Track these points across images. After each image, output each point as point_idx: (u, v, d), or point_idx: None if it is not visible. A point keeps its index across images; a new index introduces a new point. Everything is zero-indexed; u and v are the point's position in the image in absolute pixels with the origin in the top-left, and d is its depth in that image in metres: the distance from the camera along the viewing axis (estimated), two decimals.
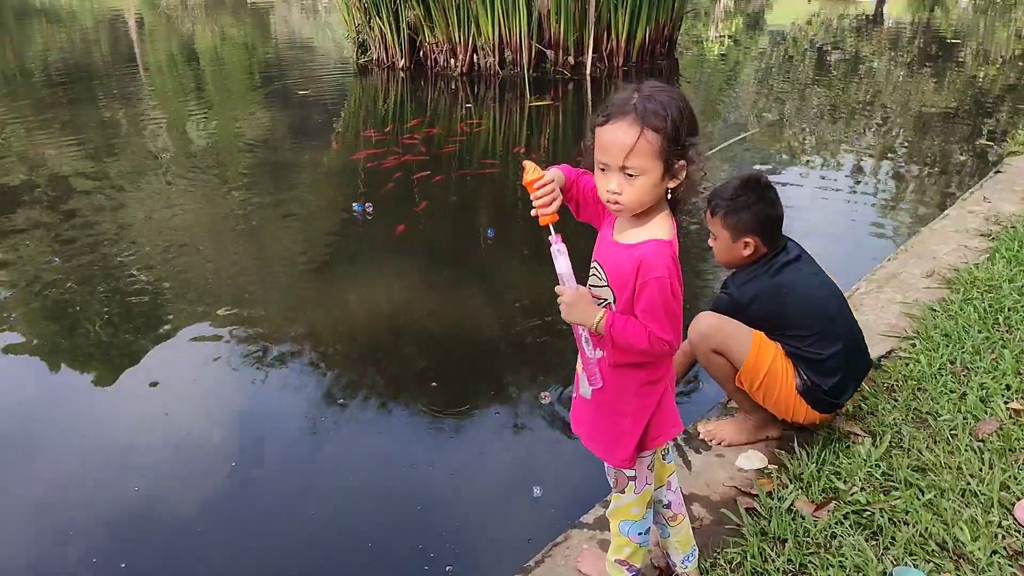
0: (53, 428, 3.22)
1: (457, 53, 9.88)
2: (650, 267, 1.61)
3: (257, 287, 4.38)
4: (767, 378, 2.54)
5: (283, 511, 2.74)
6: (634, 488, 1.85)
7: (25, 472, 2.94)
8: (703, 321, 2.59)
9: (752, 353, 2.53)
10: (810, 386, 2.54)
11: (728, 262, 2.67)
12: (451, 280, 4.42)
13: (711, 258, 2.92)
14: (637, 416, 1.77)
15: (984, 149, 6.88)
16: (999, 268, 3.77)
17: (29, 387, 3.54)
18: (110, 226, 5.19)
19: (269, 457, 3.03)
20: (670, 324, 1.63)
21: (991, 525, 2.24)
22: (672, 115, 1.56)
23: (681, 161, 1.60)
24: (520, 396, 3.38)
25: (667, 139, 1.57)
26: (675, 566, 2.08)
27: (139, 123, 8.18)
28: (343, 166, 6.71)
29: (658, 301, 1.61)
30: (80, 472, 2.93)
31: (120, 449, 3.05)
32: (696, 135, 1.60)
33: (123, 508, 2.75)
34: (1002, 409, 2.74)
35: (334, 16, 17.12)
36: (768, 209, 2.55)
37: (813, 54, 13.18)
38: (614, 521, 1.93)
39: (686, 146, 1.59)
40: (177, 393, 3.43)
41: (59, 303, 4.19)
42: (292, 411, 3.29)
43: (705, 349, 2.58)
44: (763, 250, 2.59)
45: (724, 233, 2.59)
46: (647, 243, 1.64)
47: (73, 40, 14.63)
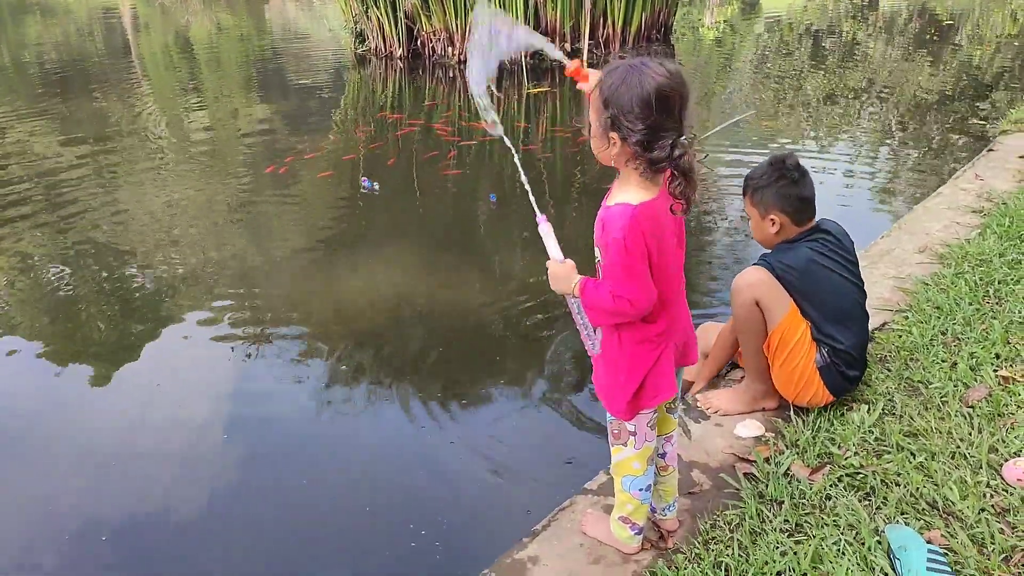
0: (54, 422, 3.25)
1: (455, 41, 9.94)
2: (608, 229, 1.74)
3: (258, 274, 4.48)
4: (796, 345, 2.62)
5: (288, 487, 2.83)
6: (634, 443, 1.96)
7: (24, 467, 2.98)
8: (752, 272, 2.65)
9: (789, 316, 2.61)
10: (829, 363, 2.63)
11: (761, 240, 2.76)
12: (452, 263, 4.51)
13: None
14: (631, 373, 1.87)
15: (977, 128, 6.96)
16: (990, 243, 3.86)
17: (28, 381, 3.57)
18: (108, 216, 5.28)
19: (275, 440, 3.11)
20: (630, 283, 1.74)
21: (979, 485, 2.33)
22: (609, 85, 1.68)
23: (612, 133, 1.70)
24: (520, 373, 3.47)
25: (603, 105, 1.69)
26: (655, 511, 2.21)
27: (135, 115, 8.26)
28: (345, 150, 6.78)
29: (616, 260, 1.73)
30: (82, 465, 2.95)
31: (122, 441, 3.09)
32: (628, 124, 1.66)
33: (125, 502, 2.78)
34: (991, 376, 2.83)
35: (329, 7, 17.16)
36: (791, 187, 2.63)
37: (808, 39, 13.23)
38: (617, 477, 2.04)
39: (613, 118, 1.68)
40: (180, 381, 3.50)
41: (56, 296, 4.26)
42: (297, 394, 3.38)
43: (749, 298, 2.63)
44: (792, 228, 2.67)
45: (753, 211, 2.70)
46: (616, 206, 1.74)
47: (68, 34, 14.67)
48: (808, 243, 2.67)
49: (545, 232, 1.88)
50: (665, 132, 1.66)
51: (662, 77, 1.65)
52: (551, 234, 1.89)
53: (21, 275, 4.51)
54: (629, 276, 1.74)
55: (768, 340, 2.66)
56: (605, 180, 1.86)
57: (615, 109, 1.67)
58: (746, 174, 2.78)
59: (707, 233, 4.90)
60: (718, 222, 5.10)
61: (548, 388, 3.36)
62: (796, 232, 2.69)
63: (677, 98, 1.67)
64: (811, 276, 2.63)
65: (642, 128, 1.65)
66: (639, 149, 1.68)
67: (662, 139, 1.66)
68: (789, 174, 2.65)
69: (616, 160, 1.75)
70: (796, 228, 2.68)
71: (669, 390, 1.93)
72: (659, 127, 1.66)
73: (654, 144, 1.66)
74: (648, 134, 1.66)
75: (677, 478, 2.21)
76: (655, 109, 1.64)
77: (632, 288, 1.74)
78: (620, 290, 1.75)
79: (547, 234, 1.88)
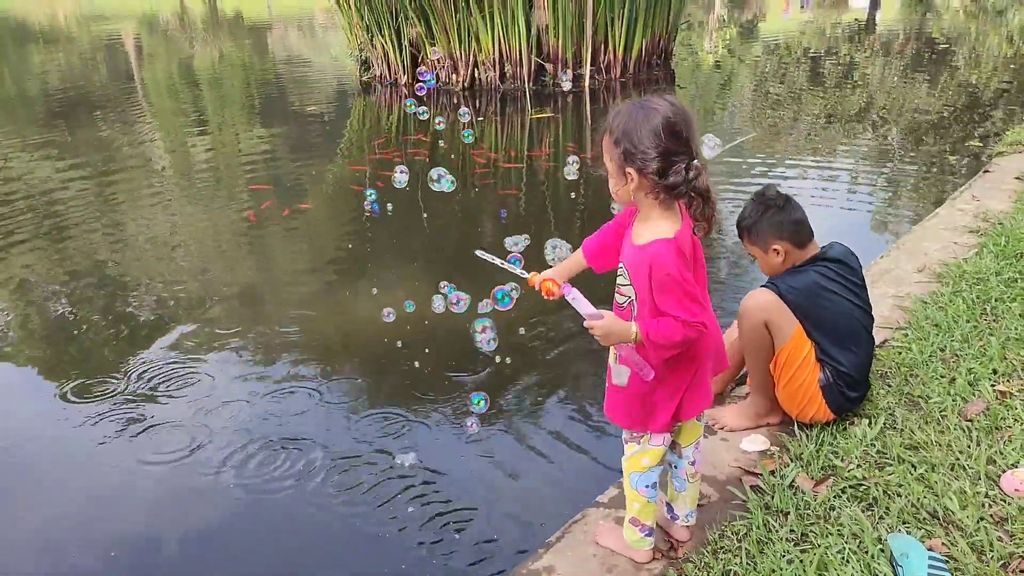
0: (54, 448, 3.29)
1: (458, 68, 10.10)
2: (660, 266, 1.81)
3: (260, 298, 4.58)
4: (801, 364, 2.71)
5: (298, 505, 2.90)
6: (650, 440, 2.07)
7: (26, 489, 3.03)
8: (761, 294, 2.73)
9: (795, 336, 2.70)
10: (832, 383, 2.72)
11: (770, 274, 2.85)
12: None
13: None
14: (673, 390, 1.98)
15: (974, 150, 7.08)
16: (987, 262, 3.95)
17: (30, 403, 3.62)
18: (110, 242, 5.40)
19: (283, 461, 3.15)
20: (695, 306, 1.83)
21: (978, 495, 2.41)
22: (617, 124, 1.81)
23: (629, 168, 1.80)
24: (531, 392, 3.55)
25: (614, 144, 1.81)
26: (677, 518, 2.29)
27: (138, 142, 8.42)
28: (351, 178, 6.91)
29: (677, 292, 1.81)
30: (83, 493, 3.01)
31: (123, 469, 3.12)
32: (644, 155, 1.77)
33: (124, 528, 2.83)
34: (989, 391, 2.91)
35: (331, 35, 17.40)
36: (779, 215, 2.74)
37: (807, 62, 13.41)
38: (626, 474, 2.14)
39: (626, 153, 1.79)
40: (181, 407, 3.53)
41: (58, 320, 4.35)
42: (305, 415, 3.44)
43: (758, 320, 2.71)
44: (796, 252, 2.76)
45: (755, 249, 2.81)
46: (654, 243, 1.83)
47: (72, 62, 14.87)
48: (815, 268, 2.77)
49: (574, 298, 1.94)
50: (677, 157, 1.76)
51: (667, 106, 1.77)
52: (580, 297, 1.94)
53: (22, 299, 4.60)
54: (694, 302, 1.83)
55: (775, 358, 2.74)
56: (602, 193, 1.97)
57: (627, 144, 1.78)
58: (736, 219, 2.88)
59: (710, 251, 5.01)
60: (722, 241, 5.21)
61: (558, 406, 3.44)
62: (801, 257, 2.78)
63: (683, 124, 1.78)
64: (817, 299, 2.72)
65: (655, 156, 1.76)
66: (656, 178, 1.77)
67: (675, 164, 1.76)
68: (774, 203, 2.75)
69: (635, 196, 1.85)
70: (800, 252, 2.77)
71: (705, 399, 2.04)
72: (671, 153, 1.76)
73: (669, 171, 1.76)
74: (662, 161, 1.76)
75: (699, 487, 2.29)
76: (664, 137, 1.75)
77: (699, 312, 1.83)
78: (691, 317, 1.82)
79: (577, 299, 1.94)
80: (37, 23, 22.45)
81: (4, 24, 21.58)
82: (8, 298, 4.64)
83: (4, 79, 13.21)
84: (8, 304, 4.58)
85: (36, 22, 22.64)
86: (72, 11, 26.50)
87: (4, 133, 8.84)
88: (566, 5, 9.52)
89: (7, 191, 6.47)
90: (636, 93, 10.18)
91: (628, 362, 1.99)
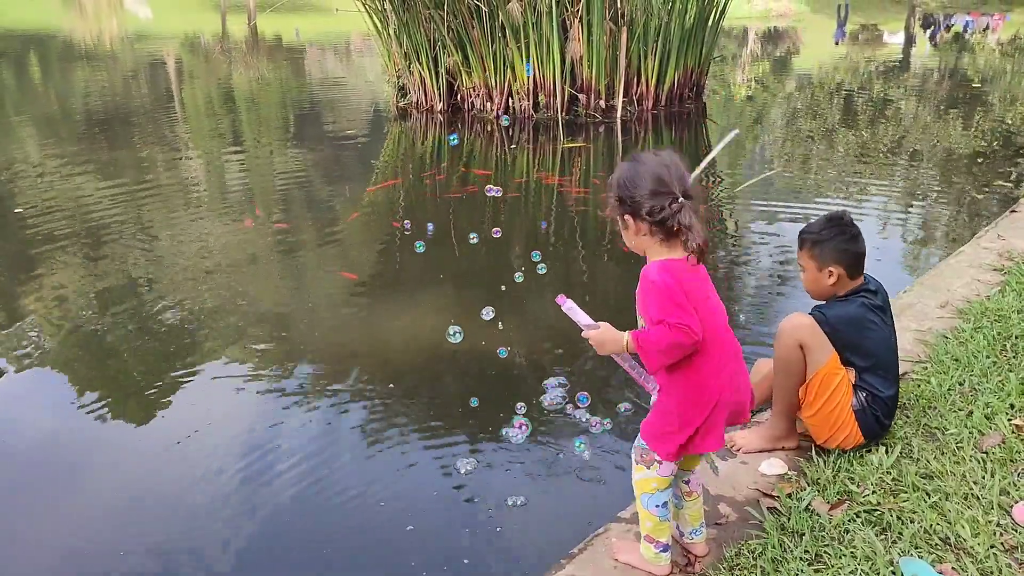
0: (85, 459, 3.41)
1: (493, 97, 10.31)
2: (644, 276, 2.07)
3: (292, 316, 4.70)
4: (836, 389, 2.80)
5: (324, 521, 3.01)
6: (657, 469, 2.19)
7: (51, 502, 3.12)
8: (799, 317, 2.84)
9: (831, 361, 2.80)
10: (866, 407, 2.82)
11: (815, 292, 2.95)
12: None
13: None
14: (684, 423, 2.10)
15: (1003, 190, 7.12)
16: (1009, 300, 4.02)
17: (60, 418, 3.72)
18: (144, 258, 5.59)
19: (309, 480, 3.23)
20: (678, 310, 1.99)
21: (990, 524, 2.49)
22: (614, 181, 2.10)
23: (626, 215, 2.07)
24: (554, 410, 3.66)
25: (613, 199, 2.09)
26: (683, 535, 2.41)
27: (175, 160, 8.69)
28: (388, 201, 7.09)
29: (661, 297, 2.01)
30: (113, 504, 3.10)
31: (152, 482, 3.22)
32: (635, 198, 2.03)
33: (155, 549, 2.87)
34: (1005, 425, 2.98)
35: (367, 59, 17.75)
36: (850, 243, 2.86)
37: (839, 97, 13.49)
38: (637, 493, 2.26)
39: (621, 200, 2.07)
40: (211, 422, 3.64)
41: (92, 335, 4.49)
42: (333, 434, 3.54)
43: (794, 341, 2.81)
44: (847, 281, 2.88)
45: (811, 264, 2.90)
46: (645, 267, 2.09)
47: (114, 82, 15.28)
48: (860, 300, 2.87)
49: (569, 308, 2.16)
50: (664, 198, 2.01)
51: (652, 158, 2.07)
52: (576, 308, 2.16)
53: (58, 312, 4.77)
54: (676, 305, 2.00)
55: (809, 383, 2.83)
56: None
57: (622, 193, 2.07)
58: (802, 228, 2.99)
59: (743, 280, 5.12)
60: (753, 272, 5.31)
61: (581, 425, 3.53)
62: (847, 286, 2.89)
63: (667, 171, 2.03)
64: (863, 331, 2.83)
65: (645, 195, 2.01)
66: (649, 217, 2.01)
67: (663, 202, 2.00)
68: (849, 230, 2.87)
69: (640, 240, 2.09)
70: (849, 282, 2.88)
71: (716, 444, 2.14)
72: (658, 195, 2.01)
73: (658, 210, 2.00)
74: (651, 202, 2.00)
75: (702, 504, 2.39)
76: (651, 182, 2.02)
77: (681, 314, 1.99)
78: (672, 318, 1.99)
79: (572, 309, 2.16)
80: (83, 42, 23.09)
81: (52, 44, 22.21)
82: (45, 310, 4.82)
83: (49, 97, 13.63)
84: (45, 315, 4.75)
85: (82, 41, 23.28)
86: (117, 31, 27.23)
87: (46, 149, 9.15)
88: (600, 38, 9.71)
89: (47, 207, 6.70)
90: (667, 125, 10.32)
91: (630, 373, 2.16)
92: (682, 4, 10.10)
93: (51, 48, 20.99)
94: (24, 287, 5.13)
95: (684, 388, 2.09)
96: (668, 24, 9.98)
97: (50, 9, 35.05)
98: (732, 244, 6.11)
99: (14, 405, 3.89)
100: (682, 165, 2.07)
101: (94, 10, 35.84)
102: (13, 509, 3.10)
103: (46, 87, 14.56)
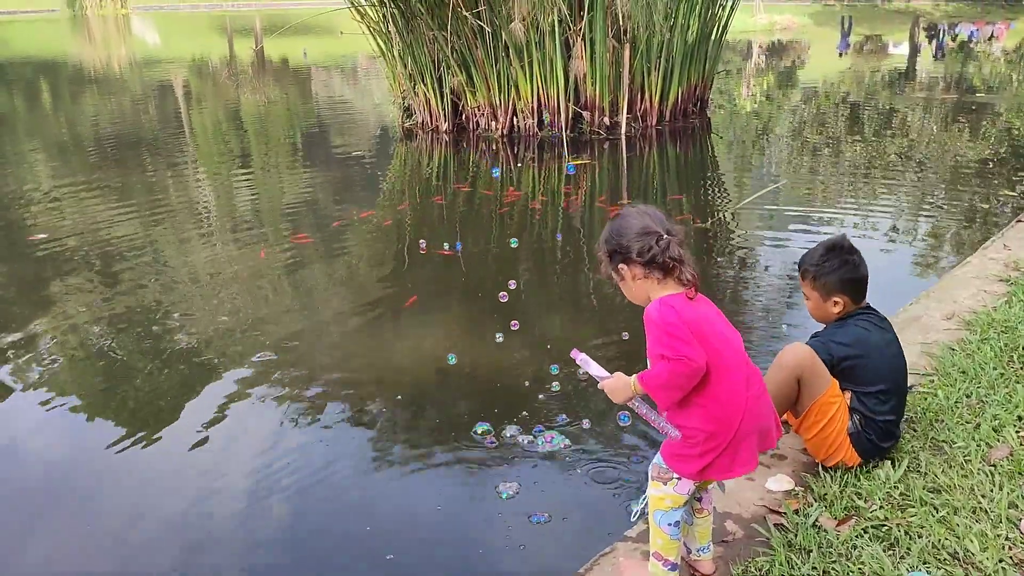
0: (96, 482, 3.40)
1: (498, 116, 10.36)
2: (646, 315, 2.13)
3: (302, 338, 4.71)
4: (832, 416, 2.82)
5: (336, 541, 3.02)
6: (674, 486, 2.19)
7: (69, 528, 3.12)
8: (801, 349, 2.86)
9: (829, 390, 2.83)
10: (860, 431, 2.83)
11: (821, 319, 3.01)
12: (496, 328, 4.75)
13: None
14: (705, 449, 2.12)
15: (1009, 200, 7.11)
16: (1015, 311, 4.01)
17: (75, 443, 3.74)
18: (154, 280, 5.62)
19: (321, 498, 3.25)
20: (678, 344, 2.03)
21: (999, 538, 2.48)
22: (602, 240, 2.22)
23: (621, 264, 2.17)
24: (562, 429, 3.66)
25: (605, 255, 2.22)
26: (690, 552, 2.42)
27: (185, 184, 8.78)
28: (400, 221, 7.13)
29: (660, 332, 2.07)
30: (126, 526, 3.11)
31: (163, 503, 3.23)
32: (624, 245, 2.14)
33: (164, 565, 2.89)
34: (1013, 437, 2.97)
35: (373, 81, 17.88)
36: (852, 271, 2.89)
37: (844, 109, 13.50)
38: (650, 509, 2.26)
39: (612, 252, 2.18)
40: (222, 443, 3.66)
41: (103, 356, 4.51)
42: (342, 455, 3.55)
43: (791, 375, 2.83)
44: (851, 307, 2.93)
45: (815, 294, 2.94)
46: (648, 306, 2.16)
47: (124, 107, 15.44)
48: (857, 322, 2.91)
49: (583, 361, 2.24)
50: (652, 236, 2.11)
51: (632, 210, 2.20)
52: (589, 360, 2.23)
53: (70, 335, 4.80)
54: (674, 338, 2.04)
55: (807, 411, 2.85)
56: None
57: (611, 245, 2.19)
58: (802, 258, 3.02)
59: (749, 299, 5.13)
60: (758, 287, 5.32)
61: (589, 444, 3.54)
62: (853, 309, 2.93)
63: (648, 218, 2.16)
64: (862, 352, 2.85)
65: (633, 238, 2.13)
66: (640, 258, 2.10)
67: (650, 241, 2.10)
68: (851, 259, 2.90)
69: (638, 286, 2.17)
70: (855, 306, 2.93)
71: (744, 467, 2.16)
72: (646, 234, 2.12)
73: (647, 249, 2.09)
74: (641, 241, 2.12)
75: (712, 522, 2.40)
76: (637, 227, 2.14)
77: (679, 346, 2.03)
78: (671, 351, 2.03)
79: (586, 361, 2.23)
80: (92, 68, 23.33)
81: (61, 70, 22.45)
82: (58, 334, 4.85)
83: (60, 122, 13.77)
84: (58, 339, 4.78)
85: (91, 67, 23.52)
86: (126, 57, 27.51)
87: (57, 174, 9.24)
88: (603, 55, 9.76)
89: (59, 234, 6.76)
90: (672, 141, 10.35)
91: (649, 420, 2.19)
92: (684, 20, 10.15)
93: (61, 75, 21.24)
94: (38, 310, 5.16)
95: (701, 416, 2.11)
96: (670, 40, 10.03)
97: (59, 36, 35.45)
98: (740, 258, 6.11)
99: (26, 424, 3.92)
100: (660, 213, 2.19)
101: (102, 36, 36.26)
102: (25, 529, 3.13)
103: (56, 113, 14.71)
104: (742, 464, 2.15)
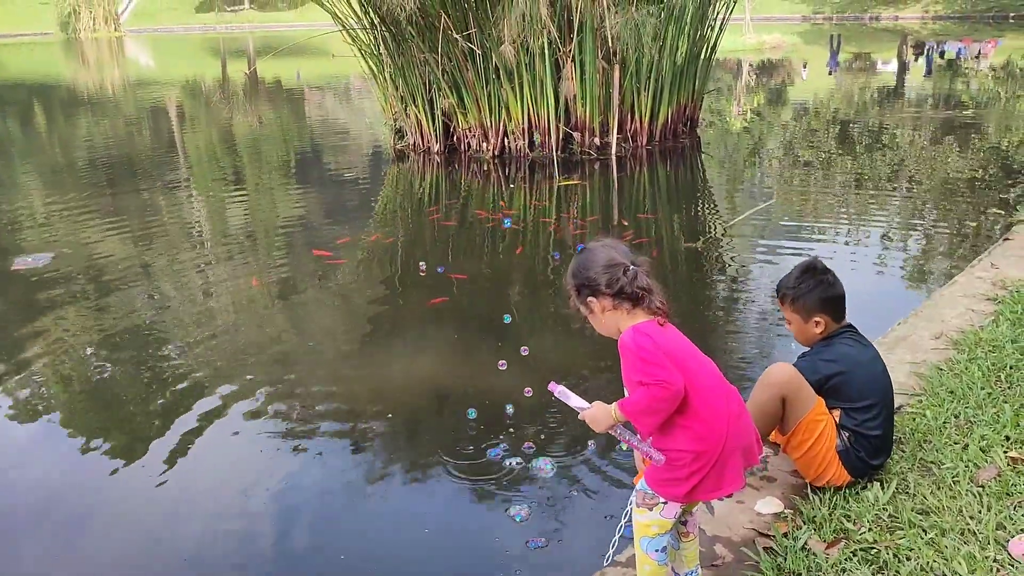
0: (94, 507, 3.39)
1: (489, 137, 10.42)
2: (621, 344, 2.15)
3: (296, 361, 4.71)
4: (820, 435, 2.83)
5: (330, 563, 3.01)
6: (662, 511, 2.19)
7: (57, 551, 3.11)
8: (784, 368, 2.89)
9: (815, 409, 2.84)
10: (849, 448, 2.84)
11: (805, 341, 3.04)
12: (488, 349, 4.75)
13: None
14: (691, 472, 2.12)
15: (996, 218, 7.16)
16: (1003, 330, 4.03)
17: (64, 466, 3.72)
18: (148, 303, 5.62)
19: (315, 520, 3.26)
20: (655, 369, 2.05)
21: (987, 560, 2.48)
22: (569, 273, 2.25)
23: (590, 298, 2.19)
24: (553, 453, 3.66)
25: (573, 290, 2.24)
26: (679, 575, 2.40)
27: (178, 206, 8.80)
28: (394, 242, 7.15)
29: (636, 359, 2.09)
30: (119, 551, 3.10)
31: (157, 528, 3.21)
32: (592, 278, 2.17)
33: None
34: (1001, 458, 2.98)
35: (366, 102, 17.95)
36: (829, 290, 2.93)
37: (835, 127, 13.59)
38: (636, 536, 2.25)
39: (580, 287, 2.21)
40: (215, 468, 3.65)
41: (97, 381, 4.51)
42: (335, 477, 3.55)
43: (776, 394, 2.85)
44: (833, 326, 2.95)
45: (796, 316, 2.98)
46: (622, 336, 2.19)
47: (117, 129, 15.47)
48: (841, 340, 2.94)
49: (562, 393, 2.23)
50: (618, 268, 2.15)
51: (596, 245, 2.24)
52: (567, 392, 2.23)
53: (64, 359, 4.78)
54: (648, 363, 2.05)
55: (794, 430, 2.87)
56: None
57: (579, 280, 2.21)
58: (779, 282, 3.06)
59: (739, 319, 5.14)
60: (749, 306, 5.34)
61: (579, 467, 3.54)
62: (835, 328, 2.96)
63: (611, 249, 2.20)
64: (848, 370, 2.87)
65: (600, 271, 2.16)
66: (609, 290, 2.15)
67: (617, 273, 2.15)
68: (825, 279, 2.94)
69: (607, 318, 2.20)
70: (836, 325, 2.97)
71: (730, 487, 2.17)
72: (612, 266, 2.16)
73: (615, 281, 2.12)
74: (608, 273, 2.15)
75: (698, 545, 2.40)
76: (603, 260, 2.18)
77: (656, 371, 2.04)
78: (648, 377, 2.05)
79: (564, 393, 2.23)
80: (86, 91, 23.39)
81: (55, 93, 22.52)
82: (49, 356, 4.83)
83: (53, 145, 13.79)
84: (49, 362, 4.76)
85: (85, 90, 23.59)
86: (119, 79, 27.60)
87: (51, 197, 9.25)
88: (593, 76, 9.83)
89: (55, 256, 6.75)
90: (662, 160, 10.41)
91: (632, 446, 2.19)
92: (673, 41, 10.23)
93: (55, 97, 21.29)
94: (31, 335, 5.15)
95: (687, 437, 2.11)
96: (660, 61, 10.11)
97: (53, 59, 35.53)
98: (730, 276, 6.14)
99: (20, 449, 3.91)
100: (624, 246, 2.23)
101: (96, 58, 36.37)
102: (21, 552, 3.12)
103: (51, 135, 14.73)
104: (729, 483, 2.16)
